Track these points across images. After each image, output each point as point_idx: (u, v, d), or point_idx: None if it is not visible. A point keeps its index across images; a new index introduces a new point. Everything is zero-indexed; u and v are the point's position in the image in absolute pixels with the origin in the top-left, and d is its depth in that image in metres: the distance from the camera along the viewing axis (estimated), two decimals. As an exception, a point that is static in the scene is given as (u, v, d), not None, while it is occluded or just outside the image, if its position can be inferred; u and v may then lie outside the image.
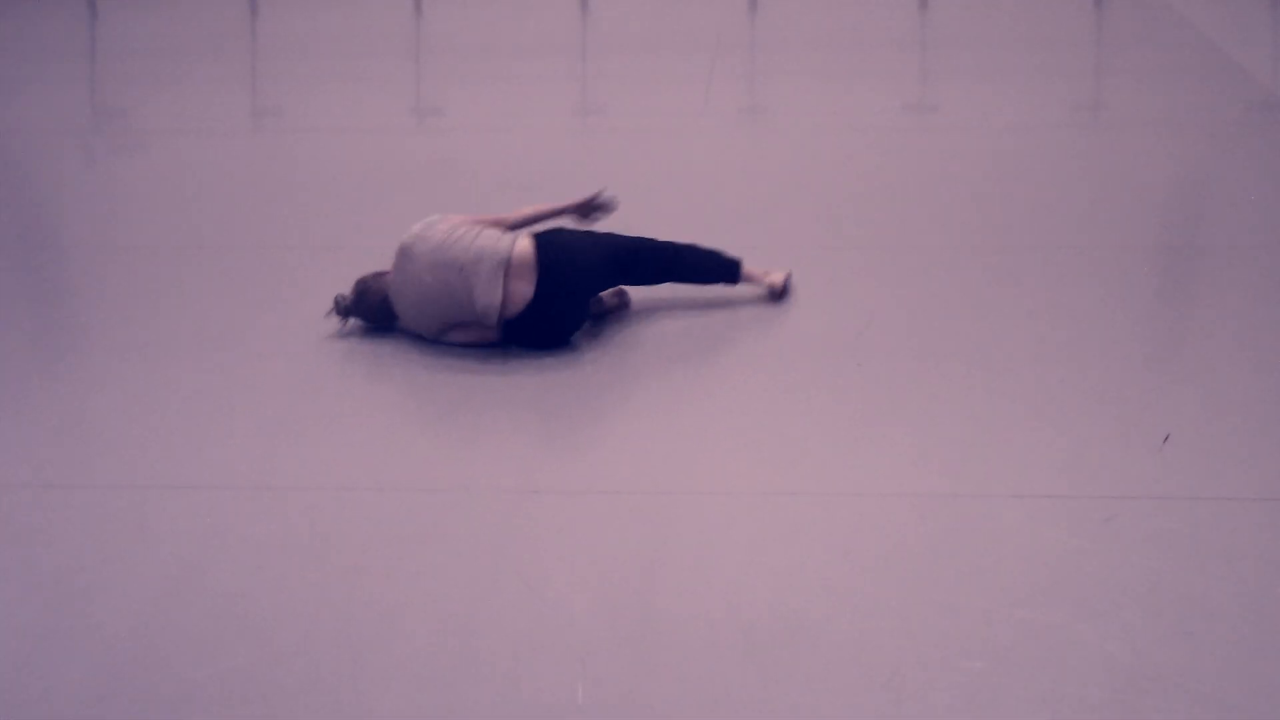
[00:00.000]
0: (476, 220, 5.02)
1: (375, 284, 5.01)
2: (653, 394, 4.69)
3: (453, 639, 3.44)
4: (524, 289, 4.80)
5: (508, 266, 4.80)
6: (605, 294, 5.16)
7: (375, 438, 4.41)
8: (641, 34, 9.97)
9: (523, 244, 4.87)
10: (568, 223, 5.32)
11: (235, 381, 4.80)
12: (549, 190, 6.58)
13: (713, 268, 5.25)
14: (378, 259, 5.83)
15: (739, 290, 5.33)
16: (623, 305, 5.22)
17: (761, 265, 5.38)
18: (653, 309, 5.26)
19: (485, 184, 6.78)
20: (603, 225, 5.32)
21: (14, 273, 5.96)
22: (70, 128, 8.14)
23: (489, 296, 4.78)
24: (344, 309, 5.01)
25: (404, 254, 4.91)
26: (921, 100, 8.55)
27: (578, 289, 4.87)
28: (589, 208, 5.33)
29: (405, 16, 10.53)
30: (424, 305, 4.87)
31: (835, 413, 4.51)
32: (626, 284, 5.17)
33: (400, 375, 4.87)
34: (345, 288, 5.29)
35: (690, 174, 6.88)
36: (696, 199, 6.47)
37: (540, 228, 5.13)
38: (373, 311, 5.01)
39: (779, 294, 5.28)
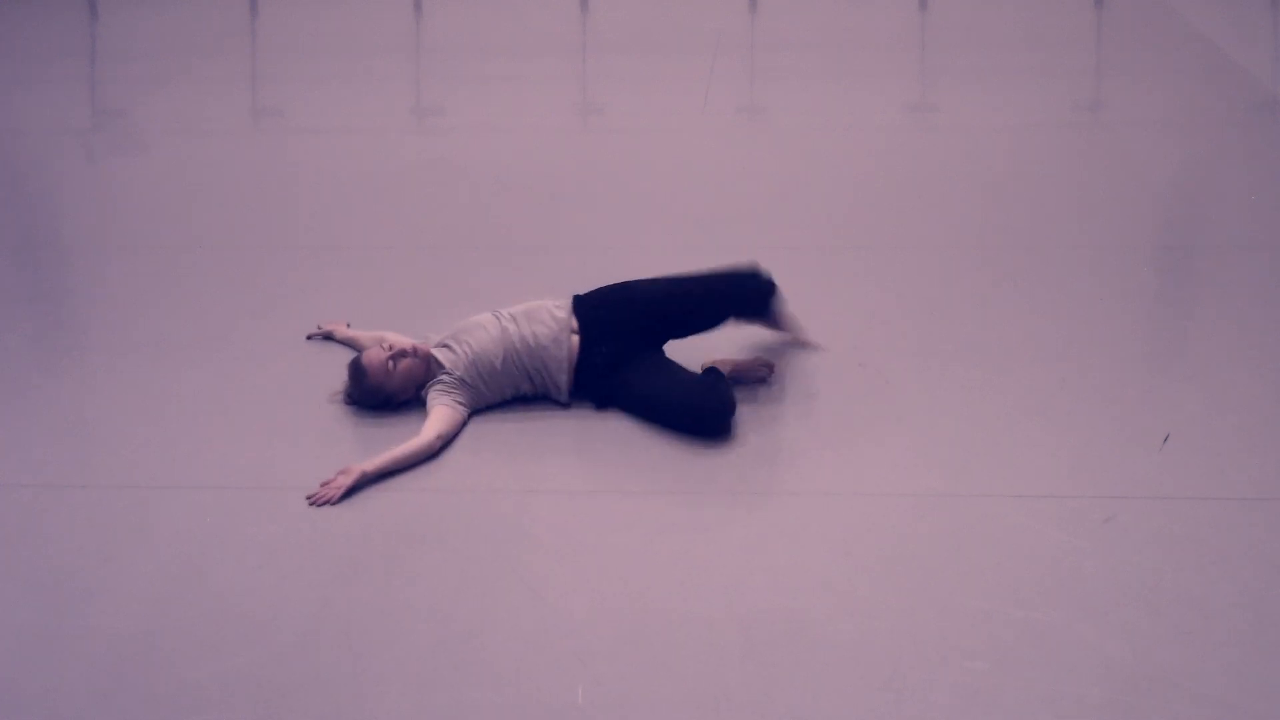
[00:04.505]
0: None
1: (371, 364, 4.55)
2: (653, 394, 4.68)
3: (453, 639, 3.44)
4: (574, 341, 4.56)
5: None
6: (748, 363, 4.77)
7: (375, 438, 4.40)
8: (641, 34, 9.96)
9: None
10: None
11: (235, 381, 4.80)
12: (548, 190, 6.62)
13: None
14: (377, 259, 5.85)
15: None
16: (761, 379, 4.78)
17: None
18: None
19: (485, 184, 6.78)
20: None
21: (14, 273, 5.96)
22: (70, 128, 8.14)
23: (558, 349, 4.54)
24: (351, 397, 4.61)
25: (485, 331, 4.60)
26: (921, 100, 8.54)
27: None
28: None
29: (405, 16, 10.53)
30: (505, 360, 4.54)
31: (835, 413, 4.51)
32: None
33: (400, 375, 4.86)
34: (345, 287, 5.30)
35: (690, 174, 6.88)
36: (696, 199, 6.47)
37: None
38: (372, 394, 4.55)
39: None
